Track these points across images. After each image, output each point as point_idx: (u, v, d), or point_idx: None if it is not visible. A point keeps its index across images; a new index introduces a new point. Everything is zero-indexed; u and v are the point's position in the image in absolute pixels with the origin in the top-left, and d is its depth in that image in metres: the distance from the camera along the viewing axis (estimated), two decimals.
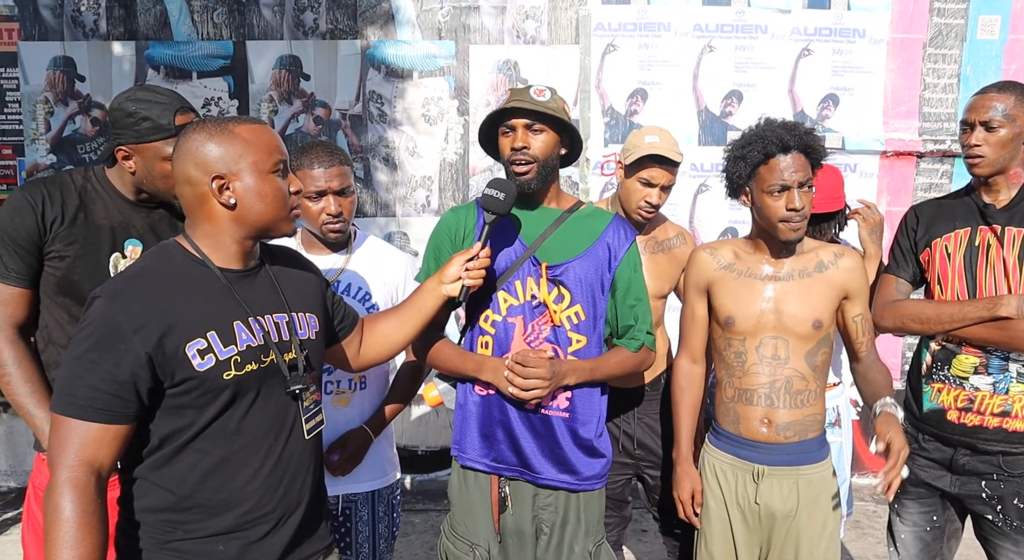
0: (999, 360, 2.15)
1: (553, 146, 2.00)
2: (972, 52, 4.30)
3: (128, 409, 1.38)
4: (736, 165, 2.13)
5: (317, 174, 2.14)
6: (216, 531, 1.47)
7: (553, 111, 1.96)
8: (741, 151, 2.11)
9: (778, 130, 2.05)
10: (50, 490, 1.32)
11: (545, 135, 1.97)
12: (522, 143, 1.95)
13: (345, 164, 2.20)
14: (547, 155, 1.98)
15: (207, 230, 1.51)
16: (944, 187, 4.33)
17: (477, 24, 4.23)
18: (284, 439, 1.55)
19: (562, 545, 2.05)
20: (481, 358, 1.99)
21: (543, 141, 1.97)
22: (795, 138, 2.04)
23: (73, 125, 4.21)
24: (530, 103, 1.94)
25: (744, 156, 2.09)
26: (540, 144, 1.97)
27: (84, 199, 1.99)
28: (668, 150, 2.46)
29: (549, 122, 1.97)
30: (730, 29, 4.28)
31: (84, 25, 4.16)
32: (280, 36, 4.21)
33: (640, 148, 2.48)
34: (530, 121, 1.96)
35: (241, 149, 1.48)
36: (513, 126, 1.97)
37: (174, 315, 1.41)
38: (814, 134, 2.09)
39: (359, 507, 2.28)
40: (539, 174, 1.98)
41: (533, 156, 1.96)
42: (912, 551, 2.39)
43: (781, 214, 2.05)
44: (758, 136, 2.07)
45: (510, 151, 1.98)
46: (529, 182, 1.97)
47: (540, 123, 1.96)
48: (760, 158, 2.06)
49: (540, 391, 1.90)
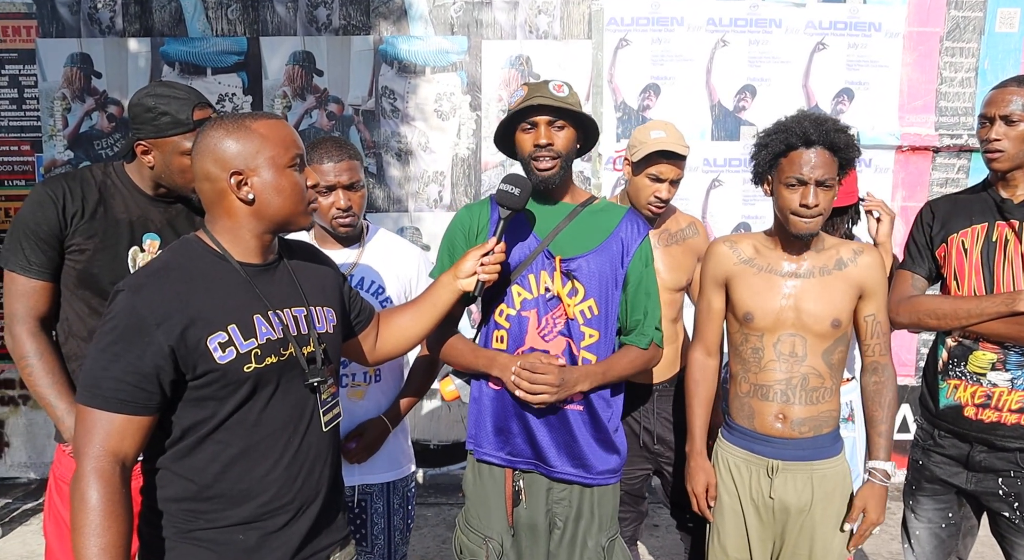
0: (1017, 356, 2.13)
1: (573, 141, 2.01)
2: (990, 45, 4.26)
3: (151, 401, 1.40)
4: (759, 153, 2.12)
5: (326, 169, 2.16)
6: (236, 521, 1.49)
7: (575, 107, 1.97)
8: (766, 139, 2.10)
9: (805, 123, 2.03)
10: (77, 479, 1.35)
11: (567, 131, 1.98)
12: (547, 139, 1.96)
13: (355, 159, 2.21)
14: (569, 150, 2.00)
15: (226, 225, 1.53)
16: (960, 182, 4.29)
17: (489, 19, 4.23)
18: (303, 431, 1.57)
19: (575, 539, 2.05)
20: (492, 354, 2.00)
21: (565, 137, 1.98)
22: (820, 133, 2.01)
23: (90, 121, 4.24)
24: (553, 99, 1.94)
25: (767, 145, 2.09)
26: (563, 140, 1.98)
27: (104, 194, 2.02)
28: (675, 144, 2.45)
29: (570, 118, 1.98)
30: (744, 23, 4.26)
31: (100, 22, 4.19)
32: (293, 32, 4.23)
33: (647, 144, 2.47)
34: (553, 117, 1.96)
35: (259, 145, 1.49)
36: (535, 123, 1.97)
37: (196, 309, 1.43)
38: (845, 132, 2.05)
39: (374, 499, 2.30)
40: (561, 169, 1.99)
41: (557, 152, 1.97)
42: (927, 548, 2.38)
43: (793, 207, 2.04)
44: (784, 127, 2.06)
45: (532, 147, 1.98)
46: (552, 178, 1.98)
47: (562, 119, 1.97)
48: (781, 148, 2.05)
49: (548, 396, 1.91)
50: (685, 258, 2.63)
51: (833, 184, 2.05)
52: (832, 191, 2.06)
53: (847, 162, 2.07)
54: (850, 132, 2.07)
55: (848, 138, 2.05)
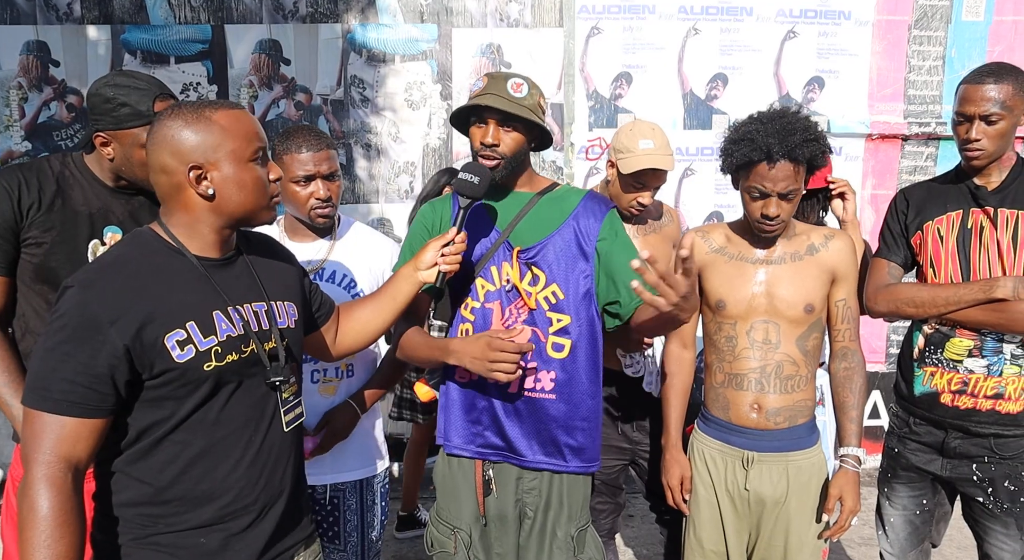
0: (993, 342, 2.14)
1: (522, 143, 1.98)
2: (957, 34, 4.29)
3: (105, 402, 1.34)
4: (724, 159, 2.11)
5: (305, 158, 2.11)
6: (197, 523, 1.44)
7: (528, 110, 1.92)
8: (731, 147, 2.08)
9: (769, 137, 1.98)
10: (25, 487, 1.28)
11: (516, 134, 1.95)
12: (493, 140, 1.94)
13: (332, 148, 2.18)
14: (515, 151, 1.96)
15: (183, 219, 1.47)
16: (929, 170, 4.33)
17: (459, 7, 4.17)
18: (264, 429, 1.52)
19: (545, 529, 2.04)
20: (443, 343, 1.94)
21: (513, 139, 1.95)
22: (785, 148, 1.97)
23: (48, 111, 4.11)
24: (506, 100, 1.91)
25: (731, 153, 2.07)
26: (510, 142, 1.95)
27: (62, 185, 1.96)
28: (662, 160, 2.49)
29: (522, 121, 1.94)
30: (715, 11, 4.24)
31: (58, 8, 4.05)
32: (259, 20, 4.13)
33: (636, 156, 2.48)
34: (501, 119, 1.93)
35: (219, 137, 1.43)
36: (486, 120, 1.95)
37: (152, 305, 1.37)
38: (811, 142, 2.00)
39: (347, 496, 2.25)
40: (505, 168, 1.97)
41: (501, 154, 1.94)
42: (901, 534, 2.39)
43: (756, 217, 2.06)
44: (748, 137, 2.02)
45: (479, 144, 1.96)
46: (495, 174, 1.96)
47: (513, 121, 1.93)
48: (743, 162, 2.04)
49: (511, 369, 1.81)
50: (661, 245, 2.66)
51: (797, 193, 2.04)
52: (797, 199, 2.05)
53: (814, 167, 2.06)
54: (819, 140, 2.02)
55: (814, 148, 2.01)
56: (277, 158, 2.15)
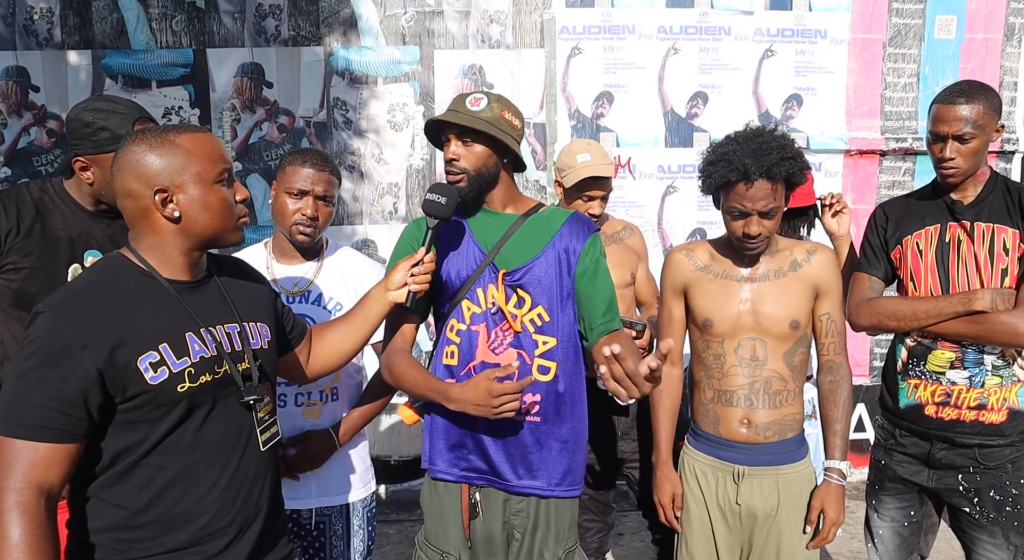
0: (974, 354, 2.16)
1: (486, 157, 1.96)
2: (930, 51, 4.37)
3: (78, 427, 1.33)
4: (704, 179, 2.12)
5: (305, 173, 2.13)
6: (174, 546, 1.43)
7: (485, 122, 1.92)
8: (708, 168, 2.09)
9: (745, 157, 1.99)
10: None
11: (479, 147, 1.95)
12: (452, 155, 1.95)
13: (335, 175, 2.20)
14: (478, 166, 1.95)
15: (152, 243, 1.48)
16: (907, 185, 4.39)
17: (441, 29, 4.20)
18: (240, 450, 1.52)
19: (532, 552, 2.02)
20: (443, 387, 1.93)
21: (474, 153, 1.95)
22: (762, 167, 1.98)
23: (28, 137, 4.09)
24: (461, 116, 1.92)
25: (710, 174, 2.08)
26: (472, 157, 1.95)
27: (41, 210, 1.94)
28: (600, 168, 2.61)
29: (480, 134, 1.94)
30: (694, 31, 4.30)
31: (37, 34, 4.05)
32: (241, 43, 4.14)
33: (575, 170, 2.61)
34: (459, 133, 1.94)
35: (183, 160, 1.44)
36: (448, 137, 1.97)
37: (124, 328, 1.37)
38: (788, 160, 2.00)
39: (333, 521, 2.23)
40: (471, 184, 1.96)
41: (462, 168, 1.95)
42: (890, 547, 2.40)
43: (738, 236, 2.07)
44: (725, 158, 2.03)
45: (445, 161, 1.98)
46: (461, 191, 1.96)
47: (471, 135, 1.94)
48: (721, 182, 2.05)
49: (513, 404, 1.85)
50: (625, 255, 2.77)
51: (778, 211, 2.05)
52: (778, 216, 2.06)
53: (794, 185, 2.07)
54: (796, 158, 2.03)
55: (791, 167, 2.01)
56: (281, 169, 2.17)
